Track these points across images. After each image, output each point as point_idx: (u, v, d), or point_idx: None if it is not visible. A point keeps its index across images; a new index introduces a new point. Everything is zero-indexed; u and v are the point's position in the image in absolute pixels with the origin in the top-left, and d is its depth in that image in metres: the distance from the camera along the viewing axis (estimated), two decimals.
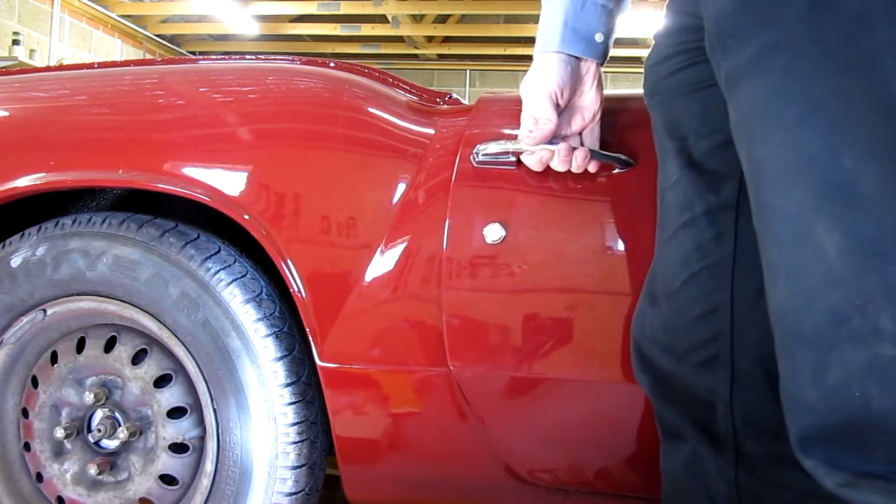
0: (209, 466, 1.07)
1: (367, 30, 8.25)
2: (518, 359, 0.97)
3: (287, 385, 1.03)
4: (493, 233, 0.96)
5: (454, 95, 1.20)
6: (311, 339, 1.02)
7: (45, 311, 1.13)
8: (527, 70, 0.93)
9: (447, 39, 8.98)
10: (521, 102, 0.93)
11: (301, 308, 1.01)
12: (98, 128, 1.12)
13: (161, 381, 1.10)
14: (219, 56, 3.92)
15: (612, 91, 1.01)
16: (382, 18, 7.95)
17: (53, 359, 1.15)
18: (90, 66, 1.27)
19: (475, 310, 0.98)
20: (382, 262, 1.00)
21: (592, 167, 0.94)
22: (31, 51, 6.43)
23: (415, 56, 9.33)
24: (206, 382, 1.06)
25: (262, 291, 1.06)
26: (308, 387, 1.06)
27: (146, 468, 1.10)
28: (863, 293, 0.56)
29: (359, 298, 1.00)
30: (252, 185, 1.04)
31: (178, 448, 1.09)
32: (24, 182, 1.09)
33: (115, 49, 7.95)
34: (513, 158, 0.96)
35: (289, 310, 1.08)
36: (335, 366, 1.01)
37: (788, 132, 0.60)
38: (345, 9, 7.62)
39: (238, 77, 1.19)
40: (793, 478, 0.76)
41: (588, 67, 0.91)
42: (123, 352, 1.11)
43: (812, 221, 0.59)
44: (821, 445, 0.60)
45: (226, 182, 1.03)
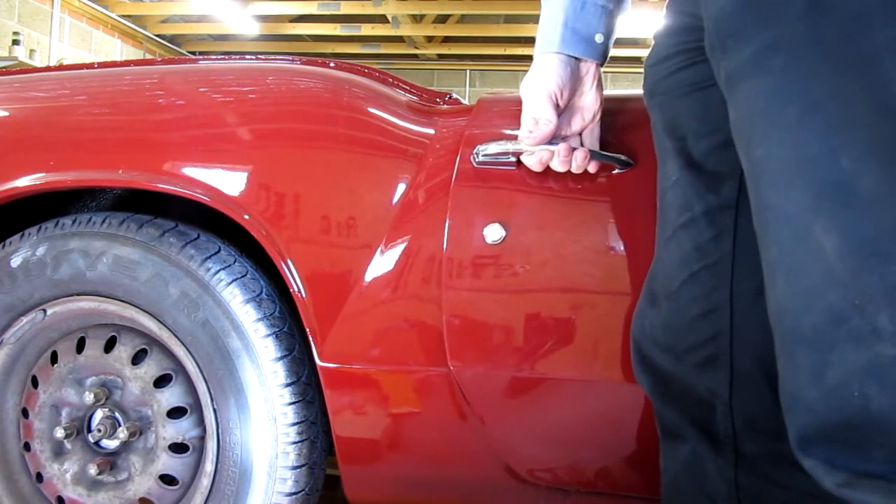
0: (209, 466, 1.07)
1: (367, 30, 8.25)
2: (518, 359, 0.97)
3: (287, 385, 1.03)
4: (494, 233, 0.97)
5: (454, 95, 1.20)
6: (311, 339, 1.02)
7: (45, 311, 1.13)
8: (527, 70, 0.93)
9: (447, 39, 8.98)
10: (521, 103, 0.93)
11: (301, 308, 1.01)
12: (98, 128, 1.12)
13: (161, 381, 1.10)
14: (219, 56, 3.92)
15: (612, 91, 1.01)
16: (382, 18, 7.95)
17: (53, 359, 1.15)
18: (90, 66, 1.27)
19: (475, 310, 0.98)
20: (382, 262, 1.00)
21: (592, 167, 0.94)
22: (31, 51, 6.43)
23: (415, 56, 9.33)
24: (206, 382, 1.06)
25: (262, 291, 1.06)
26: (308, 387, 1.06)
27: (146, 468, 1.10)
28: (862, 293, 0.57)
29: (359, 298, 1.00)
30: (252, 185, 1.04)
31: (178, 448, 1.09)
32: (24, 182, 1.09)
33: (115, 49, 7.96)
34: (513, 159, 0.96)
35: (289, 310, 1.08)
36: (335, 366, 1.02)
37: (787, 132, 0.60)
38: (345, 9, 7.62)
39: (238, 77, 1.19)
40: (792, 478, 0.76)
41: (588, 68, 0.92)
42: (123, 352, 1.11)
43: (811, 221, 0.59)
44: (820, 445, 0.60)
45: (226, 182, 1.03)
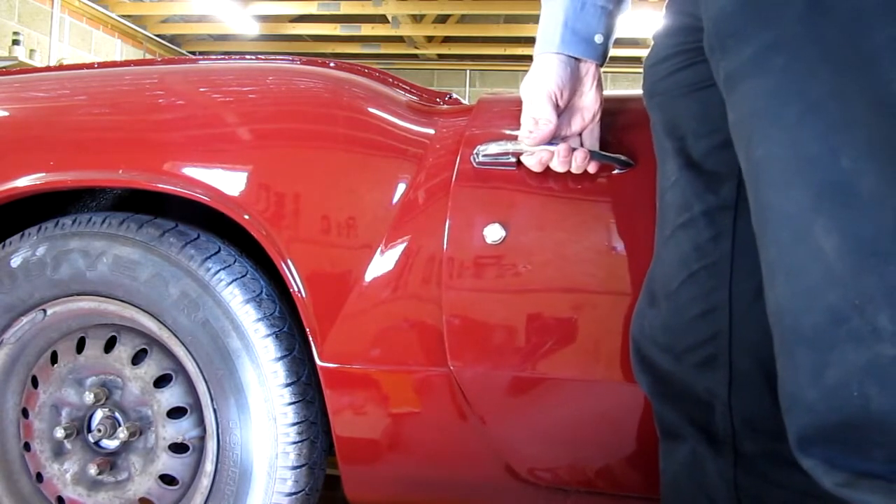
0: (209, 466, 1.07)
1: (367, 30, 8.25)
2: (518, 359, 0.97)
3: (287, 385, 1.03)
4: (494, 233, 0.97)
5: (454, 95, 1.20)
6: (311, 339, 1.02)
7: (45, 311, 1.13)
8: (527, 70, 0.93)
9: (447, 39, 8.98)
10: (521, 103, 0.93)
11: (301, 308, 1.01)
12: (98, 128, 1.12)
13: (161, 381, 1.10)
14: (219, 56, 3.92)
15: (612, 92, 1.01)
16: (382, 18, 7.95)
17: (53, 359, 1.15)
18: (90, 66, 1.27)
19: (475, 310, 0.98)
20: (382, 262, 1.00)
21: (592, 168, 0.94)
22: (31, 51, 6.43)
23: (415, 56, 9.33)
24: (206, 382, 1.06)
25: (262, 291, 1.06)
26: (308, 387, 1.06)
27: (146, 468, 1.10)
28: (861, 293, 0.57)
29: (359, 298, 1.00)
30: (252, 185, 1.04)
31: (178, 448, 1.09)
32: (24, 182, 1.09)
33: (115, 49, 7.96)
34: (513, 159, 0.96)
35: (289, 310, 1.08)
36: (335, 366, 1.02)
37: (787, 132, 0.60)
38: (345, 9, 7.62)
39: (238, 77, 1.19)
40: (791, 477, 0.76)
41: (588, 68, 0.92)
42: (123, 352, 1.11)
43: (811, 221, 0.59)
44: (820, 445, 0.60)
45: (226, 182, 1.03)
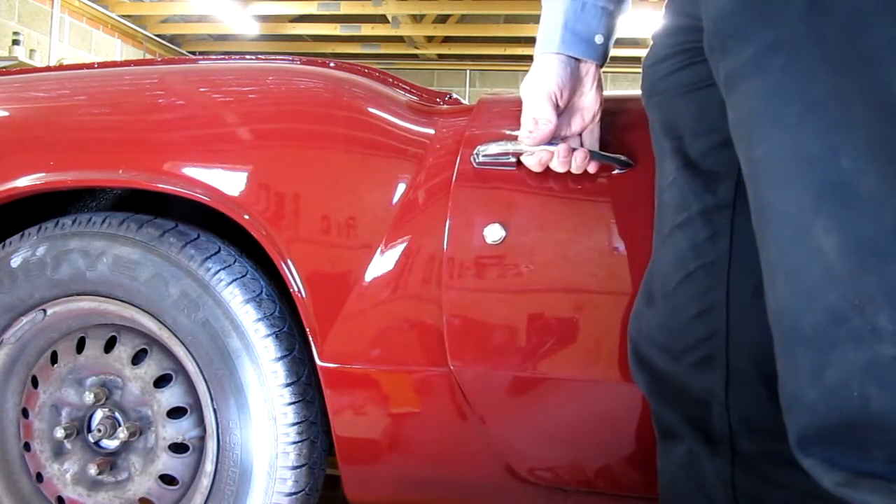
0: (209, 466, 1.07)
1: (367, 30, 8.25)
2: (518, 359, 0.97)
3: (287, 385, 1.03)
4: (494, 233, 0.97)
5: (454, 95, 1.20)
6: (311, 339, 1.02)
7: (45, 311, 1.13)
8: (527, 70, 0.93)
9: (447, 39, 8.98)
10: (521, 103, 0.93)
11: (301, 308, 1.01)
12: (98, 128, 1.12)
13: (161, 381, 1.10)
14: (219, 56, 3.92)
15: (612, 92, 1.02)
16: (382, 18, 7.95)
17: (53, 359, 1.15)
18: (90, 66, 1.27)
19: (476, 310, 0.98)
20: (382, 262, 1.00)
21: (592, 168, 0.94)
22: (31, 51, 6.43)
23: (415, 56, 9.33)
24: (206, 382, 1.06)
25: (262, 291, 1.06)
26: (308, 387, 1.06)
27: (146, 468, 1.10)
28: (861, 293, 0.57)
29: (359, 298, 1.00)
30: (252, 185, 1.04)
31: (178, 448, 1.09)
32: (24, 182, 1.09)
33: (115, 49, 7.96)
34: (513, 159, 0.96)
35: (289, 310, 1.08)
36: (335, 366, 1.02)
37: (787, 132, 0.60)
38: (345, 9, 7.62)
39: (238, 77, 1.19)
40: (789, 477, 0.77)
41: (588, 69, 0.92)
42: (123, 352, 1.11)
43: (811, 221, 0.59)
44: (820, 445, 0.60)
45: (226, 182, 1.03)
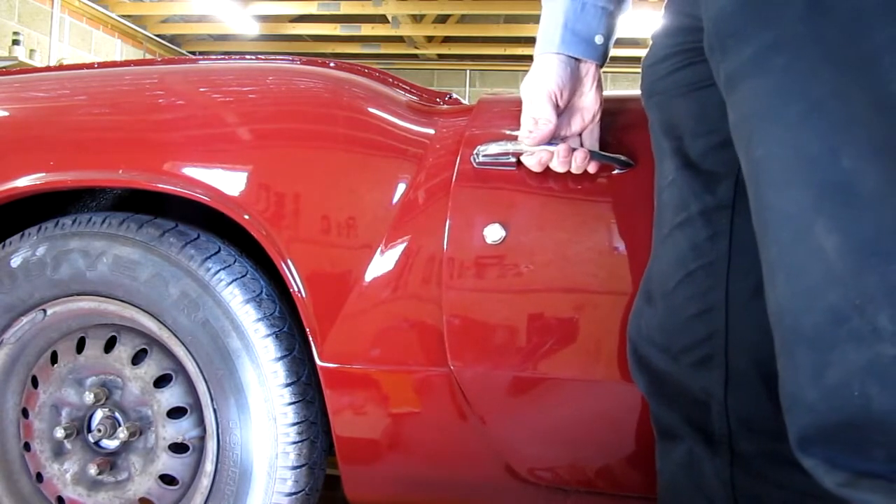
0: (209, 466, 1.07)
1: (367, 30, 8.25)
2: (519, 359, 0.97)
3: (287, 385, 1.03)
4: (494, 233, 0.97)
5: (454, 95, 1.20)
6: (311, 339, 1.02)
7: (45, 311, 1.13)
8: (527, 70, 0.93)
9: (447, 39, 8.98)
10: (521, 103, 0.93)
11: (301, 308, 1.01)
12: (98, 128, 1.12)
13: (161, 381, 1.10)
14: (219, 56, 3.92)
15: (612, 92, 1.02)
16: (382, 18, 7.95)
17: (53, 359, 1.15)
18: (90, 66, 1.27)
19: (476, 310, 0.98)
20: (382, 262, 1.00)
21: (592, 168, 0.94)
22: (31, 51, 6.43)
23: (415, 56, 9.33)
24: (206, 382, 1.06)
25: (262, 291, 1.06)
26: (308, 387, 1.06)
27: (146, 468, 1.10)
28: (862, 293, 0.57)
29: (359, 298, 1.00)
30: (252, 185, 1.04)
31: (178, 448, 1.09)
32: (24, 182, 1.09)
33: (115, 49, 7.96)
34: (513, 159, 0.96)
35: (289, 310, 1.08)
36: (335, 366, 1.02)
37: (788, 132, 0.60)
38: (345, 9, 7.62)
39: (238, 77, 1.19)
40: (789, 477, 0.76)
41: (588, 69, 0.92)
42: (123, 352, 1.11)
43: (811, 221, 0.59)
44: (820, 445, 0.60)
45: (226, 182, 1.03)
